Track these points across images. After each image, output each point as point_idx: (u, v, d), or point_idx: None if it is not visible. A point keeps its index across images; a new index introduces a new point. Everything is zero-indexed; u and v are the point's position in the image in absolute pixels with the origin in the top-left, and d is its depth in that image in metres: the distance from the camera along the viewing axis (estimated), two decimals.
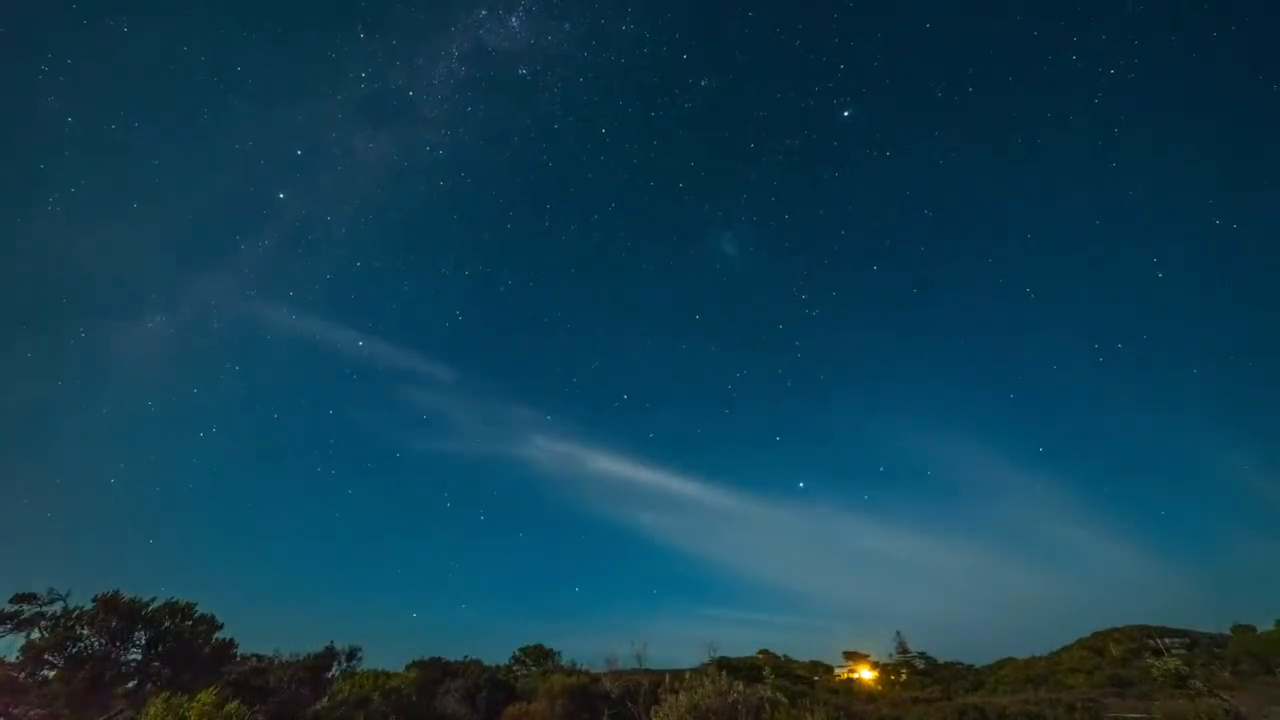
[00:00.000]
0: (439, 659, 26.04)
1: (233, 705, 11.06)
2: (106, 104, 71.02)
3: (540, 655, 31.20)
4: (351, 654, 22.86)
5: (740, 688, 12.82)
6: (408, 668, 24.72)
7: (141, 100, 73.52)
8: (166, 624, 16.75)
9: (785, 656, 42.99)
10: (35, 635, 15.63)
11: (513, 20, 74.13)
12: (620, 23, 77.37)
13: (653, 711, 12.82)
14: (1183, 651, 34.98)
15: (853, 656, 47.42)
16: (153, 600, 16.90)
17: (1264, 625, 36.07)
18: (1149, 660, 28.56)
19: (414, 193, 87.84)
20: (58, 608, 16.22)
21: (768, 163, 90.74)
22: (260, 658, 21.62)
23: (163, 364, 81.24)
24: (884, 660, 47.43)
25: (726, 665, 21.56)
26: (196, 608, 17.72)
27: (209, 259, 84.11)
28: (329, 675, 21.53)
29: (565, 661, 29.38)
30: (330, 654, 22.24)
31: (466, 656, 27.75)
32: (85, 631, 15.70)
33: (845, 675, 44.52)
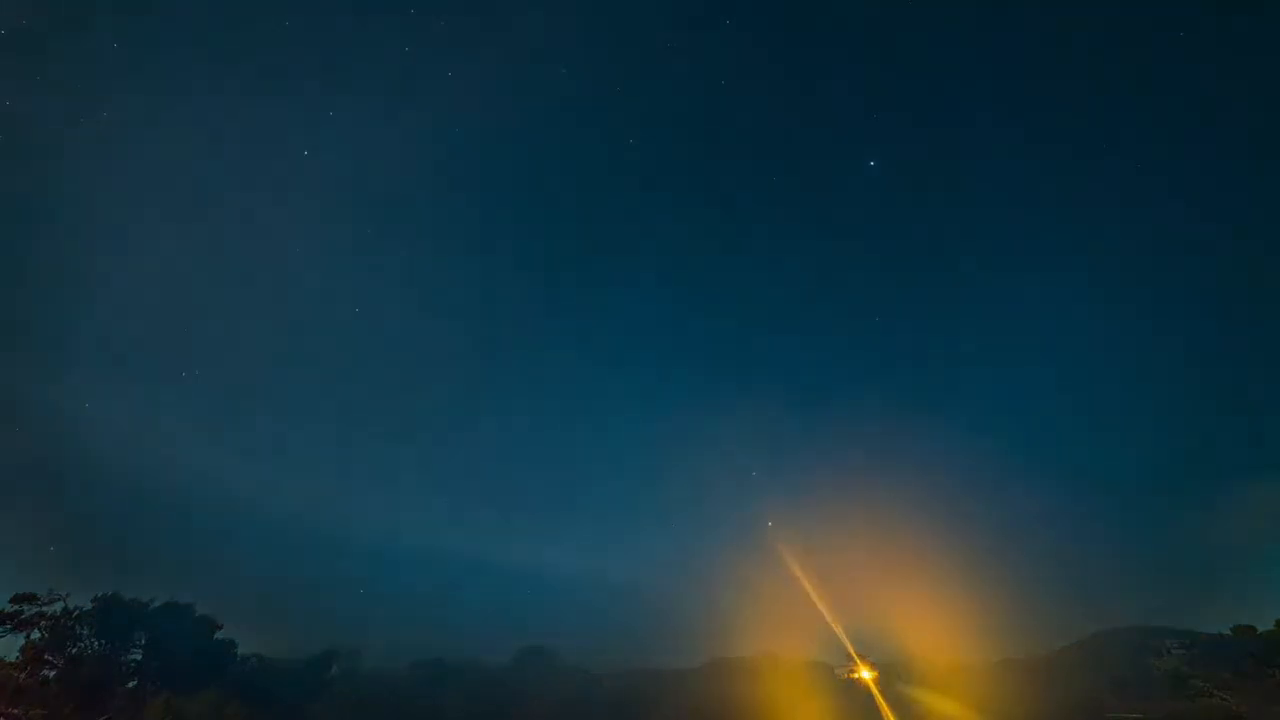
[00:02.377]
0: (439, 659, 26.04)
1: (233, 705, 11.03)
2: (154, 37, 70.76)
3: (540, 655, 31.16)
4: (351, 654, 22.85)
5: (742, 688, 12.80)
6: (408, 668, 24.69)
7: (188, 38, 73.08)
8: (166, 624, 16.74)
9: (785, 657, 42.89)
10: (35, 635, 15.61)
11: (560, 23, 75.58)
12: (666, 40, 78.60)
13: (653, 711, 12.80)
14: (1183, 651, 34.86)
15: (853, 657, 47.32)
16: (152, 601, 16.90)
17: (1264, 625, 35.98)
18: (1149, 660, 28.52)
19: (433, 173, 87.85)
20: (58, 608, 16.22)
21: (787, 201, 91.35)
22: (260, 658, 21.63)
23: (157, 312, 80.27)
24: (884, 660, 47.39)
25: (727, 665, 21.53)
26: (196, 608, 17.73)
27: (220, 206, 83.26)
28: (329, 675, 21.51)
29: (565, 661, 29.37)
30: (330, 654, 22.23)
31: (466, 656, 27.74)
32: (85, 631, 15.68)
33: (845, 675, 44.42)
